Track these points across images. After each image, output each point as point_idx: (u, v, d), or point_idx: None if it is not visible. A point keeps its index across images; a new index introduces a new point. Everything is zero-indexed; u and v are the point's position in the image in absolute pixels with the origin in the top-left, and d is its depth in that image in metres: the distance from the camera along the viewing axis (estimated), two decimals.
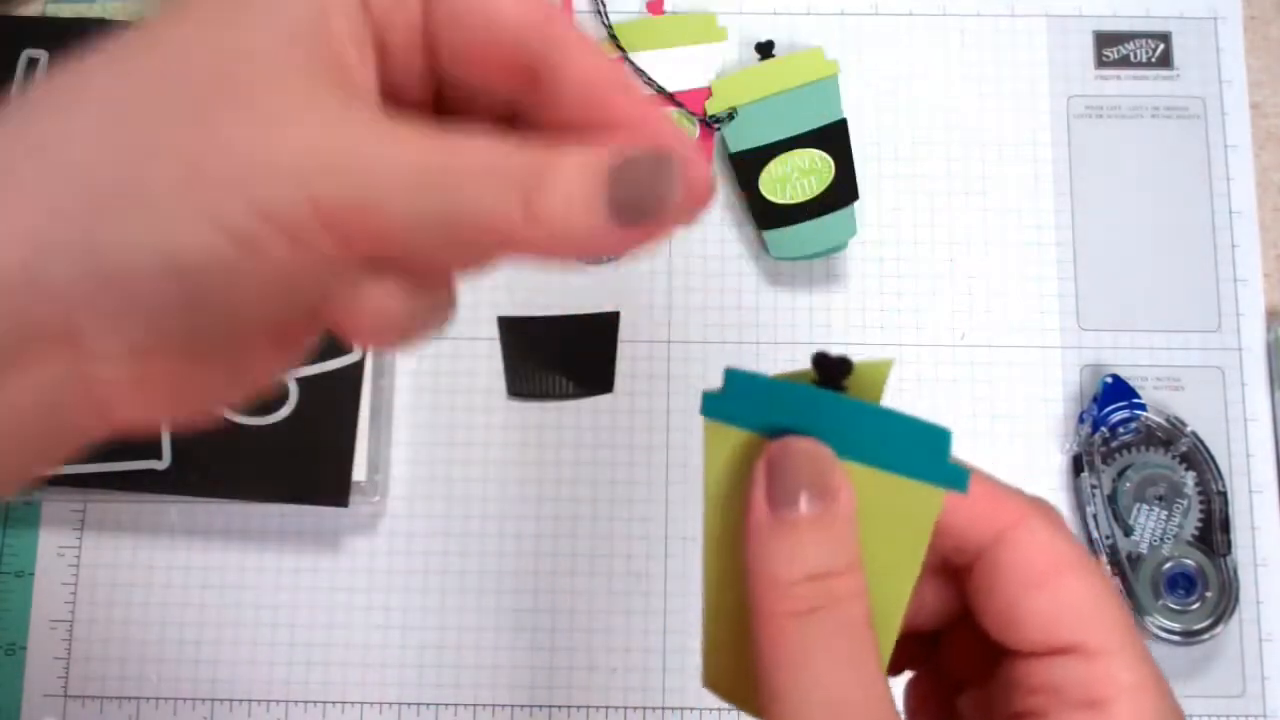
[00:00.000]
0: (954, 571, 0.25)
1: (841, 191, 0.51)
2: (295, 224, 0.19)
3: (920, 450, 0.21)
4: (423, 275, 0.21)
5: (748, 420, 0.23)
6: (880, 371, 0.22)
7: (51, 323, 0.19)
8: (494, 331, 0.52)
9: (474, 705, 0.48)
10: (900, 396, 0.51)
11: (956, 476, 0.21)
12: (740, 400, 0.23)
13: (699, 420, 0.56)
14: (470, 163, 0.19)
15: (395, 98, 0.22)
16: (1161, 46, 0.54)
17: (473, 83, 0.22)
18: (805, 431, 0.22)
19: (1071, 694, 0.22)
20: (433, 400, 0.51)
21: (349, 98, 0.20)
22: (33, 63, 0.51)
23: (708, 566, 0.24)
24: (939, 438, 0.21)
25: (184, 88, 0.19)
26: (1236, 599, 0.47)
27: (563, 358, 0.51)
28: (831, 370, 0.22)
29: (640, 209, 0.20)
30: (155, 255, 0.18)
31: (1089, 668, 0.22)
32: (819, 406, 0.22)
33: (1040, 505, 0.24)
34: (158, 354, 0.20)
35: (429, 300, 0.21)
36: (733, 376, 0.23)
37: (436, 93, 0.23)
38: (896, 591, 0.22)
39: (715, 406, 0.23)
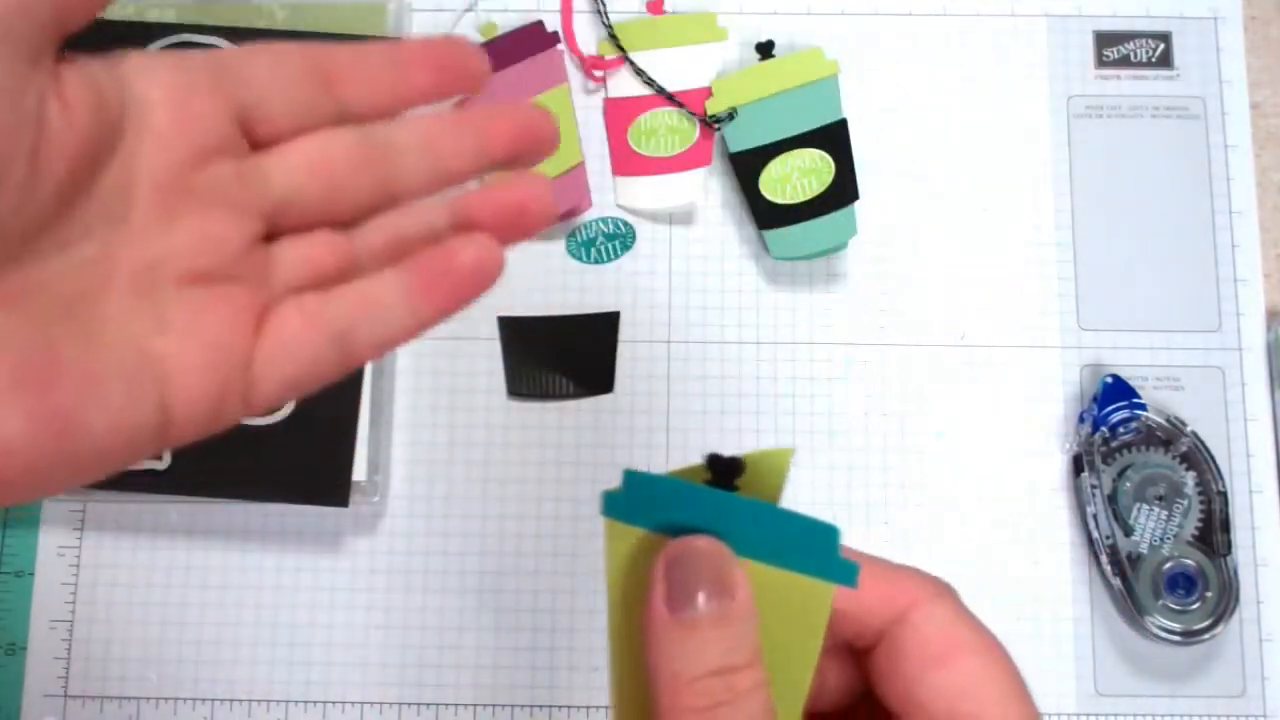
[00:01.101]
0: (856, 653, 0.25)
1: (841, 191, 0.51)
2: None
3: (811, 547, 0.22)
4: None
5: (647, 519, 0.23)
6: (780, 460, 0.23)
7: None
8: (494, 331, 0.52)
9: (474, 705, 0.48)
10: (901, 397, 0.51)
11: (846, 571, 0.22)
12: (640, 499, 0.23)
13: (699, 420, 0.56)
14: None
15: None
16: (1161, 46, 0.54)
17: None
18: (703, 529, 0.22)
19: None
20: (433, 400, 0.51)
21: None
22: None
23: (613, 663, 0.24)
24: (828, 535, 0.22)
25: None
26: (1236, 599, 0.47)
27: (563, 358, 0.51)
28: (724, 471, 0.22)
29: None
30: None
31: None
32: (714, 506, 0.22)
33: (938, 585, 0.24)
34: None
35: None
36: (631, 477, 0.23)
37: None
38: (796, 683, 0.23)
39: (615, 506, 0.23)
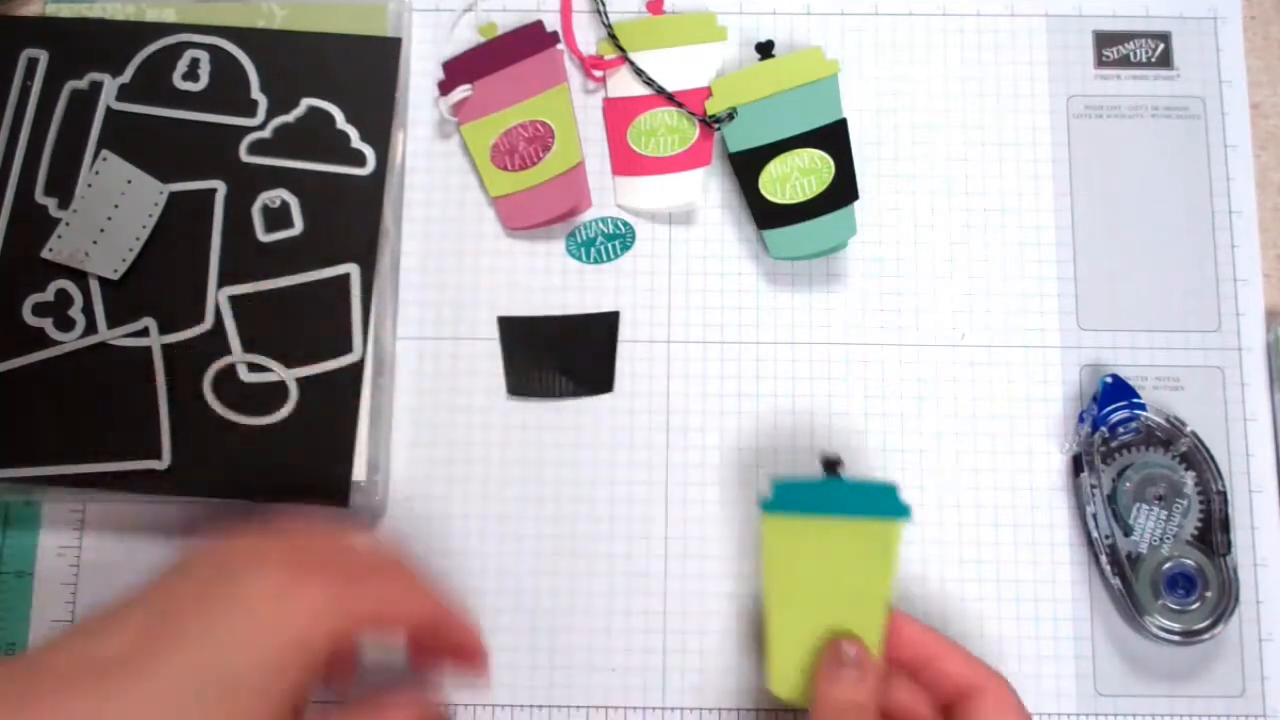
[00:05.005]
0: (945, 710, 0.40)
1: (841, 191, 0.51)
2: None
3: (884, 501, 0.40)
4: None
5: (793, 508, 0.40)
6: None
7: None
8: (494, 331, 0.52)
9: (473, 705, 0.48)
10: (901, 397, 0.51)
11: (905, 510, 0.40)
12: (783, 498, 0.40)
13: (699, 420, 0.56)
14: None
15: None
16: (1161, 46, 0.54)
17: None
18: (823, 504, 0.40)
19: None
20: (433, 400, 0.51)
21: None
22: (32, 63, 0.51)
23: (770, 598, 0.40)
24: (891, 490, 0.40)
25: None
26: (1236, 599, 0.47)
27: (563, 357, 0.51)
28: (830, 466, 0.41)
29: None
30: None
31: None
32: (828, 488, 0.40)
33: (1002, 680, 0.39)
34: None
35: None
36: (779, 484, 0.40)
37: None
38: (880, 597, 0.40)
39: (770, 506, 0.40)
